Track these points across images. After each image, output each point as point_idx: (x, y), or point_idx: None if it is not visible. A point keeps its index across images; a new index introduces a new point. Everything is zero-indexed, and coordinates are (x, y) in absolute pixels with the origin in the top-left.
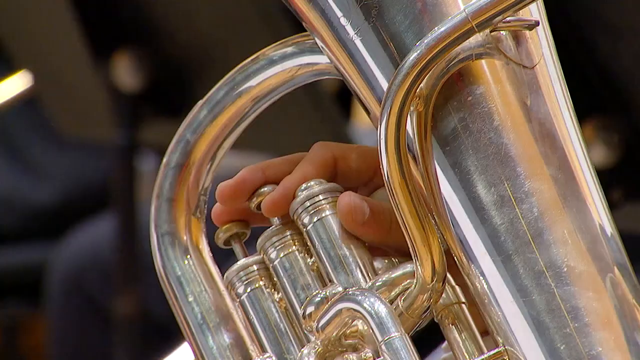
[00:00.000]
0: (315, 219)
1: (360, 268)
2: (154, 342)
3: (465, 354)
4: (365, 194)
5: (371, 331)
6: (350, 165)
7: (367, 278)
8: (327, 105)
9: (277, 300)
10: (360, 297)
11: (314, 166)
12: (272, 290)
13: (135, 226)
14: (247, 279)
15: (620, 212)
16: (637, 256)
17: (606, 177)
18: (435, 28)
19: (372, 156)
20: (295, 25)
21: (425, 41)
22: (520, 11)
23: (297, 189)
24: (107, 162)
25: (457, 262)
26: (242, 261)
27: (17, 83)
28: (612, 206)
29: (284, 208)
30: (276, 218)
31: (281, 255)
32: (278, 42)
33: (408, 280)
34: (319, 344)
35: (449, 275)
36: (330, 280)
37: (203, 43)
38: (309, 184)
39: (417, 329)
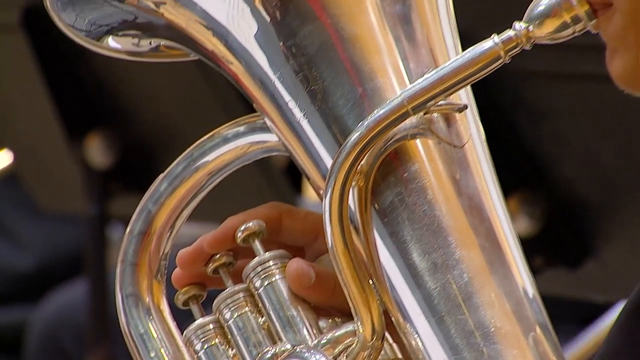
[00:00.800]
0: (266, 283)
1: (306, 327)
2: None
3: None
4: (310, 259)
5: None
6: (295, 225)
7: (313, 336)
8: (278, 178)
9: (232, 356)
10: (307, 354)
11: (259, 215)
12: (227, 347)
13: (106, 289)
14: (204, 337)
15: (542, 277)
16: (556, 317)
17: (529, 246)
18: (375, 111)
19: (316, 221)
20: (247, 106)
21: (365, 123)
22: (451, 96)
23: (238, 227)
24: (80, 232)
25: (394, 322)
26: (199, 320)
27: (0, 160)
28: (534, 272)
29: (223, 245)
30: (230, 281)
31: (235, 315)
32: (231, 122)
33: (350, 339)
34: None
35: (387, 334)
36: (279, 339)
37: (166, 124)
38: (247, 226)
39: None
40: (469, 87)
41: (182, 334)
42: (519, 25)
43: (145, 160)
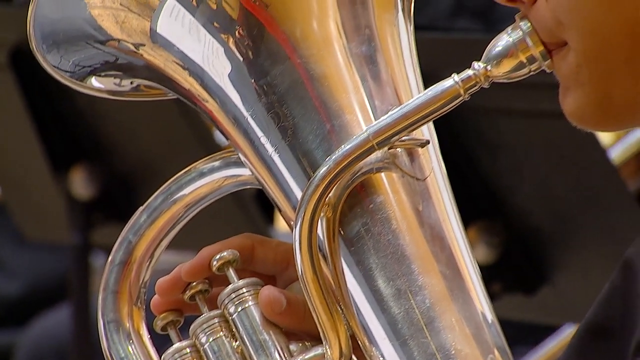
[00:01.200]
0: (239, 309)
1: (278, 351)
2: None
3: None
4: (281, 286)
5: None
6: (267, 254)
7: (284, 359)
8: (251, 210)
9: None
10: None
11: (233, 245)
12: None
13: (89, 315)
14: None
15: (499, 302)
16: (513, 340)
17: (487, 273)
18: (342, 146)
19: (287, 250)
20: (222, 142)
21: (333, 157)
22: (414, 131)
23: (213, 256)
24: (65, 260)
25: (361, 345)
26: (176, 345)
27: None
28: (492, 297)
29: (199, 273)
30: (206, 307)
31: (210, 339)
32: (207, 157)
33: None
34: None
35: (354, 357)
36: None
37: (146, 158)
38: (222, 255)
39: None
40: (431, 123)
41: (160, 357)
42: (477, 65)
43: (126, 192)
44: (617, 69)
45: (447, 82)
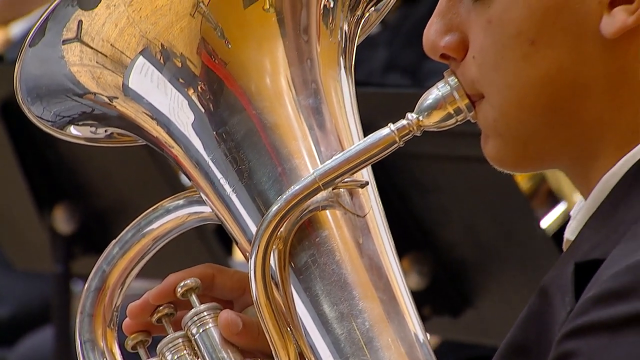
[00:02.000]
0: (201, 330)
1: None
2: None
3: None
4: (238, 310)
5: None
6: (226, 282)
7: None
8: (212, 243)
9: None
10: None
11: (195, 273)
12: None
13: (69, 335)
14: None
15: (429, 324)
16: (442, 357)
17: (418, 298)
18: (292, 187)
19: (243, 278)
20: (186, 183)
21: (284, 197)
22: (355, 174)
23: (178, 283)
24: (48, 287)
25: None
26: None
27: None
28: (423, 319)
29: (165, 298)
30: (171, 329)
31: (175, 357)
32: (173, 196)
33: None
34: None
35: None
36: None
37: (119, 198)
38: (185, 282)
39: None
40: (369, 167)
41: None
42: (411, 116)
43: (102, 227)
44: (531, 121)
45: (384, 131)
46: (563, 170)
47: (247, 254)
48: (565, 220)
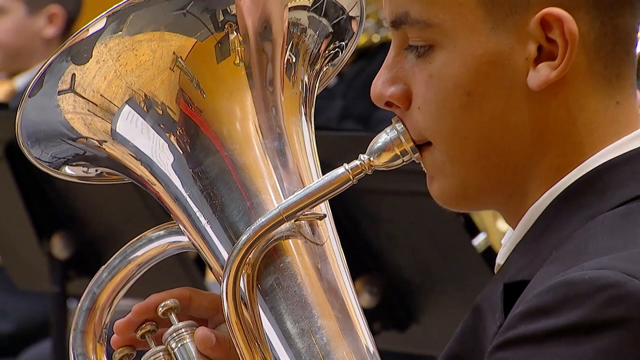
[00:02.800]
0: (179, 344)
1: None
2: None
3: None
4: (212, 327)
5: None
6: (202, 302)
7: None
8: (190, 267)
9: None
10: None
11: (174, 294)
12: None
13: (66, 348)
14: None
15: (379, 338)
16: None
17: (369, 315)
18: (259, 219)
19: (217, 300)
20: (167, 216)
21: (252, 228)
22: (314, 208)
23: (159, 303)
24: (47, 305)
25: None
26: None
27: None
28: (374, 334)
29: (147, 314)
30: (153, 343)
31: None
32: (155, 227)
33: None
34: None
35: None
36: None
37: (109, 228)
38: (166, 303)
39: None
40: (327, 201)
41: None
42: (363, 157)
43: (93, 254)
44: (471, 165)
45: (340, 170)
46: (498, 209)
47: (220, 278)
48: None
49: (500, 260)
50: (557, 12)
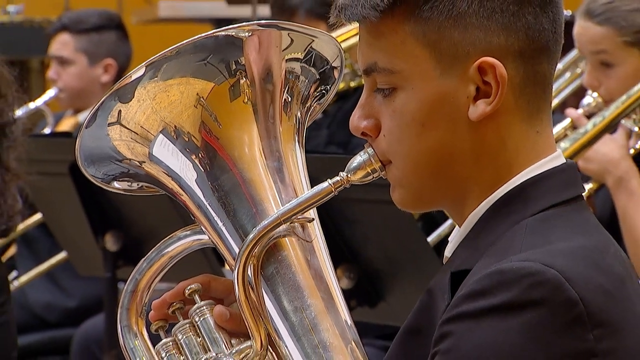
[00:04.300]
0: (201, 318)
1: (224, 343)
2: None
3: None
4: (226, 305)
5: None
6: (218, 286)
7: (227, 349)
8: (210, 258)
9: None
10: (224, 358)
11: (197, 280)
12: (179, 354)
13: (115, 321)
14: (166, 350)
15: (355, 312)
16: (363, 335)
17: (347, 295)
18: (262, 222)
19: (230, 284)
20: (194, 219)
21: (257, 229)
22: (305, 213)
23: (186, 287)
24: (101, 287)
25: (273, 340)
26: (164, 340)
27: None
28: (350, 309)
29: (177, 296)
30: (181, 318)
31: (184, 336)
32: (182, 228)
33: (248, 350)
34: None
35: (269, 347)
36: (209, 350)
37: (149, 228)
38: (191, 287)
39: None
40: (315, 208)
41: (154, 347)
42: (342, 174)
43: (137, 248)
44: (425, 179)
45: (324, 184)
46: (446, 211)
47: (232, 267)
48: (441, 239)
49: (447, 253)
50: (491, 61)
